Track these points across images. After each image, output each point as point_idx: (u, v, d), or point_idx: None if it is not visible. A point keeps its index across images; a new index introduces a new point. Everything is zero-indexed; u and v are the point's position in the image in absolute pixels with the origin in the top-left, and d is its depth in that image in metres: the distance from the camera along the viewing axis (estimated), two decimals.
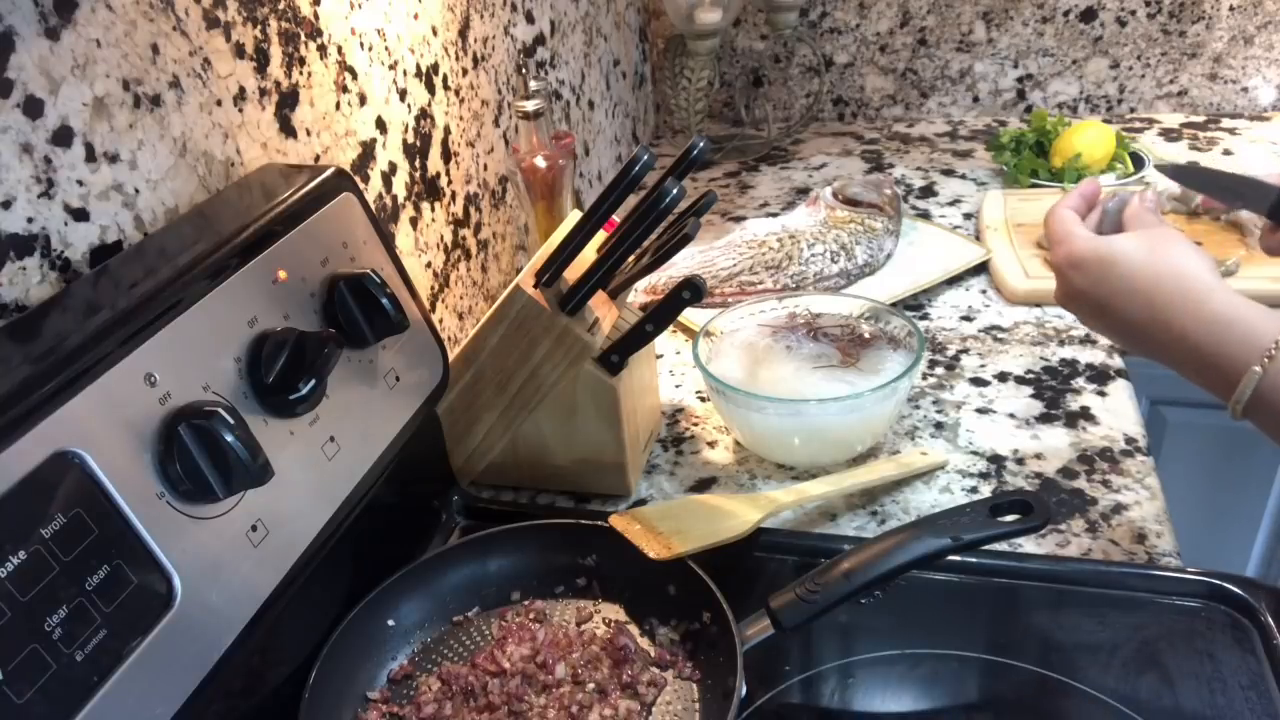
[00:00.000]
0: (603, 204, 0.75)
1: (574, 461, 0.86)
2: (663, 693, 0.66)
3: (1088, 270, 0.69)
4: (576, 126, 1.34)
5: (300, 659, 0.64)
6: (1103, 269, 0.69)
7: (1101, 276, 0.69)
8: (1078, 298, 0.72)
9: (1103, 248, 0.69)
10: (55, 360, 0.46)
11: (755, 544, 0.78)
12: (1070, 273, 0.71)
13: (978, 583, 0.75)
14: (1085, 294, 0.70)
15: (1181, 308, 0.65)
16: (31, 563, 0.43)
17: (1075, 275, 0.71)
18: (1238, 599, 0.71)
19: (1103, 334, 0.77)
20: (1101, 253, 0.69)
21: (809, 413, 0.85)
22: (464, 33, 0.99)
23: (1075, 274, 0.71)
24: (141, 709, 0.48)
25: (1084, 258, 0.70)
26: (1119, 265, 0.68)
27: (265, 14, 0.69)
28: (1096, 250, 0.69)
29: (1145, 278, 0.67)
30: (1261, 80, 1.56)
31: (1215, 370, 0.63)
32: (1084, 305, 0.72)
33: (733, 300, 1.09)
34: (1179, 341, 0.65)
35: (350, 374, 0.64)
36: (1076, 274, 0.70)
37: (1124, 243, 0.69)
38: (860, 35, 1.66)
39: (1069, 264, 0.71)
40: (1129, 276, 0.67)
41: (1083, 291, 0.71)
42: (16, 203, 0.52)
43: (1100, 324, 0.73)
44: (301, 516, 0.59)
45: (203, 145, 0.64)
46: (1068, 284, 0.72)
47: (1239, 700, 0.64)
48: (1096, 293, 0.69)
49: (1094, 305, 0.71)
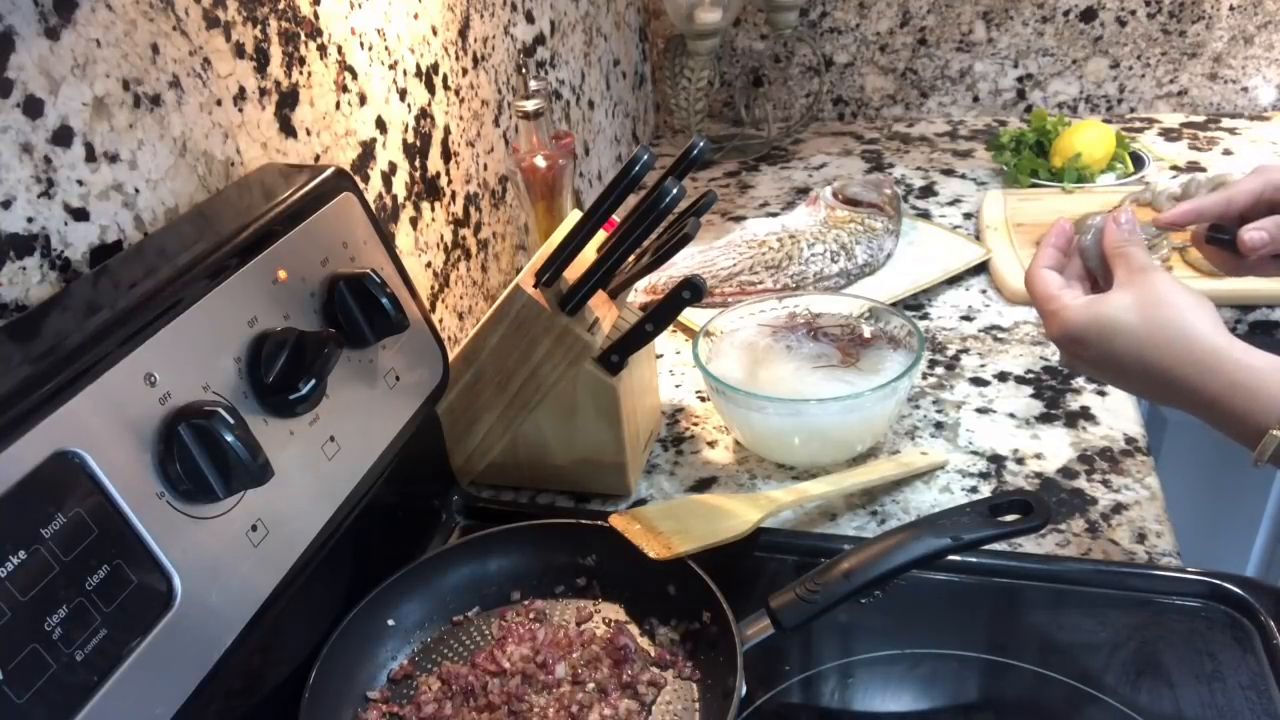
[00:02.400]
0: (603, 204, 0.75)
1: (574, 461, 0.86)
2: (663, 693, 0.66)
3: (1088, 343, 0.66)
4: (576, 126, 1.34)
5: (300, 659, 0.64)
6: (1103, 340, 0.66)
7: (1104, 348, 0.66)
8: (1085, 368, 0.71)
9: (1101, 318, 0.66)
10: (55, 360, 0.46)
11: (755, 544, 0.78)
12: (1070, 346, 0.68)
13: (978, 583, 0.75)
14: (1093, 365, 0.68)
15: (1195, 375, 0.62)
16: (31, 563, 0.43)
17: (1077, 349, 0.68)
18: (1238, 599, 0.71)
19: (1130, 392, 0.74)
20: (1101, 323, 0.66)
21: (809, 412, 0.85)
22: (464, 32, 0.99)
23: (1077, 348, 0.68)
24: (141, 709, 0.48)
25: (1080, 332, 0.67)
26: (1119, 335, 0.65)
27: (265, 14, 0.69)
28: (1094, 321, 0.66)
29: (1151, 346, 0.64)
30: (1261, 80, 1.56)
31: (1238, 427, 0.62)
32: (1094, 373, 0.71)
33: (733, 300, 1.09)
34: (1198, 404, 0.63)
35: (350, 374, 0.64)
36: (1078, 348, 0.68)
37: (1116, 307, 0.66)
38: (860, 35, 1.66)
39: (1067, 340, 0.68)
40: (1134, 347, 0.64)
41: (1089, 363, 0.68)
42: (16, 203, 0.52)
43: (1117, 385, 0.71)
44: (301, 516, 0.59)
45: (203, 145, 0.64)
46: (1071, 357, 0.70)
47: (1239, 700, 0.64)
48: (1103, 364, 0.67)
49: (1105, 374, 0.69)
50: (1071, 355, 0.69)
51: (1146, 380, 0.65)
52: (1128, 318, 0.65)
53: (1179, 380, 0.63)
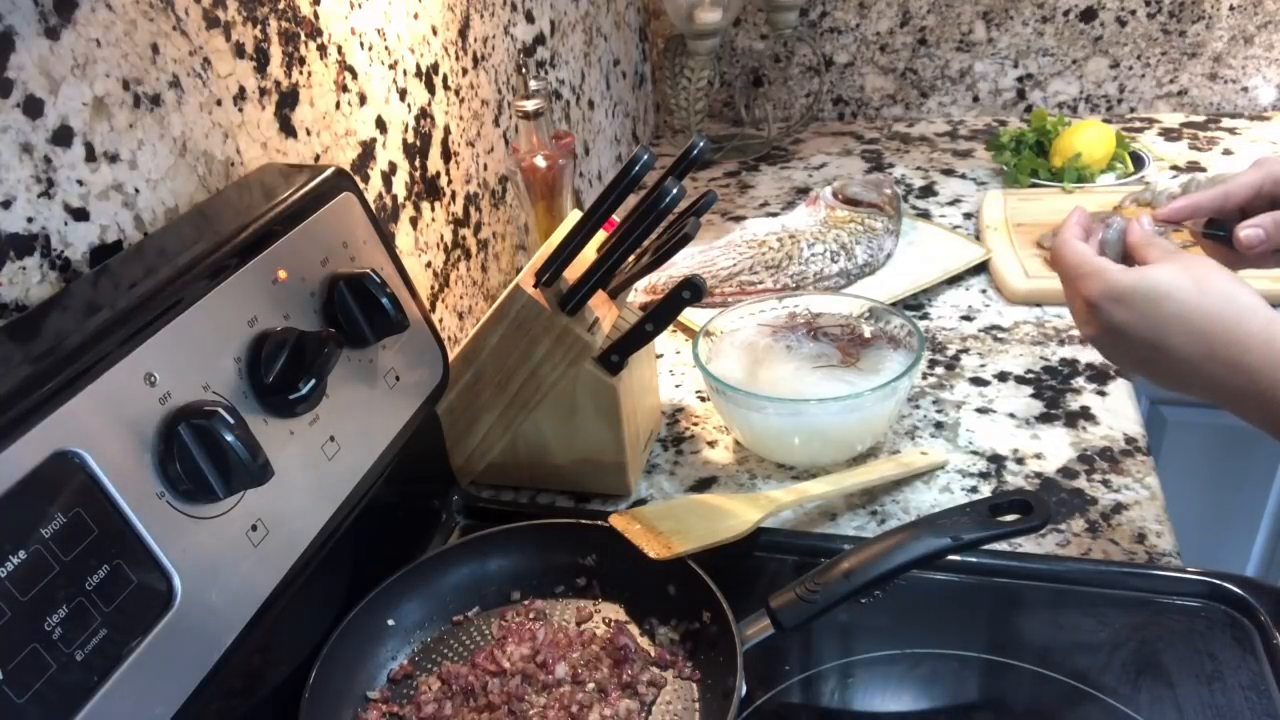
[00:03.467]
0: (603, 204, 0.75)
1: (574, 461, 0.86)
2: (663, 693, 0.66)
3: (1133, 304, 0.64)
4: (576, 126, 1.34)
5: (300, 659, 0.64)
6: (1150, 303, 0.63)
7: (1150, 311, 0.64)
8: (1119, 334, 0.66)
9: (1148, 280, 0.64)
10: (55, 360, 0.46)
11: (755, 544, 0.78)
12: (1111, 307, 0.65)
13: (978, 583, 0.75)
14: (1130, 329, 0.65)
15: (1245, 343, 0.61)
16: (31, 563, 0.43)
17: (1117, 310, 0.65)
18: (1238, 599, 0.71)
19: (1143, 372, 0.70)
20: (1148, 285, 0.64)
21: (809, 412, 0.85)
22: (464, 32, 0.99)
23: (1117, 309, 0.65)
24: (141, 709, 0.48)
25: (1128, 291, 0.64)
26: (1170, 299, 0.63)
27: (265, 14, 0.69)
28: (1141, 283, 0.64)
29: (1202, 312, 0.62)
30: (1261, 80, 1.56)
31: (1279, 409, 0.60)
32: (1127, 341, 0.66)
33: (733, 300, 1.09)
34: (1242, 376, 0.61)
35: (350, 374, 0.64)
36: (1119, 309, 0.65)
37: (1167, 274, 0.64)
38: (860, 35, 1.66)
39: (1109, 297, 0.65)
40: (1183, 311, 0.63)
41: (1127, 326, 0.65)
42: (16, 202, 0.52)
43: (1145, 361, 0.67)
44: (301, 516, 0.59)
45: (203, 145, 0.64)
46: (1107, 319, 0.66)
47: (1239, 700, 0.64)
48: (1144, 328, 0.64)
49: (1142, 341, 0.65)
50: (1106, 318, 0.66)
51: (1188, 347, 0.63)
52: (1180, 281, 0.63)
53: (1226, 348, 0.61)
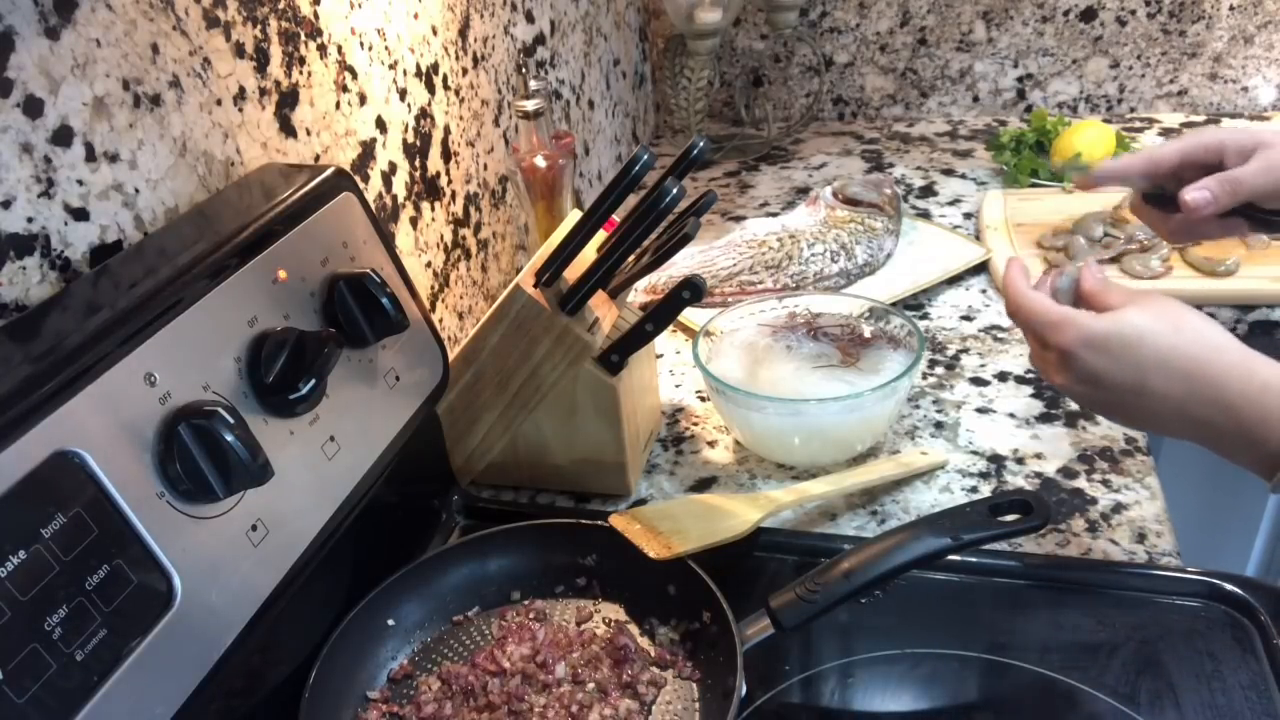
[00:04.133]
0: (603, 204, 0.75)
1: (574, 461, 0.86)
2: (663, 692, 0.66)
3: (1110, 350, 0.63)
4: (576, 126, 1.34)
5: (300, 659, 0.64)
6: (1127, 348, 0.63)
7: (1128, 356, 0.63)
8: (1097, 381, 0.65)
9: (1124, 324, 0.64)
10: (55, 360, 0.46)
11: (755, 544, 0.78)
12: (1088, 354, 0.64)
13: (978, 583, 0.75)
14: (1108, 375, 0.64)
15: (1223, 380, 0.61)
16: (31, 563, 0.43)
17: (1094, 357, 0.64)
18: (1238, 599, 0.71)
19: (1120, 416, 0.69)
20: (1125, 329, 0.63)
21: (809, 412, 0.85)
22: (464, 32, 0.99)
23: (1094, 356, 0.64)
24: (141, 709, 0.48)
25: (1103, 337, 0.64)
26: (1146, 342, 0.63)
27: (265, 13, 0.69)
28: (1117, 327, 0.64)
29: (1179, 352, 0.62)
30: (1261, 80, 1.56)
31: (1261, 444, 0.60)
32: (1105, 388, 0.65)
33: (733, 300, 1.09)
34: (1222, 413, 0.61)
35: (350, 374, 0.64)
36: (1096, 356, 0.64)
37: (1141, 317, 0.64)
38: (860, 35, 1.66)
39: (1084, 345, 0.64)
40: (1160, 353, 0.62)
41: (1105, 373, 0.64)
42: (16, 202, 0.52)
43: (1123, 406, 0.66)
44: (301, 516, 0.59)
45: (203, 145, 0.64)
46: (1084, 367, 0.65)
47: (1239, 700, 0.64)
48: (1123, 373, 0.64)
49: (1120, 386, 0.65)
50: (1082, 366, 0.65)
51: (1168, 388, 0.63)
52: (1155, 323, 0.63)
53: (1206, 386, 0.61)
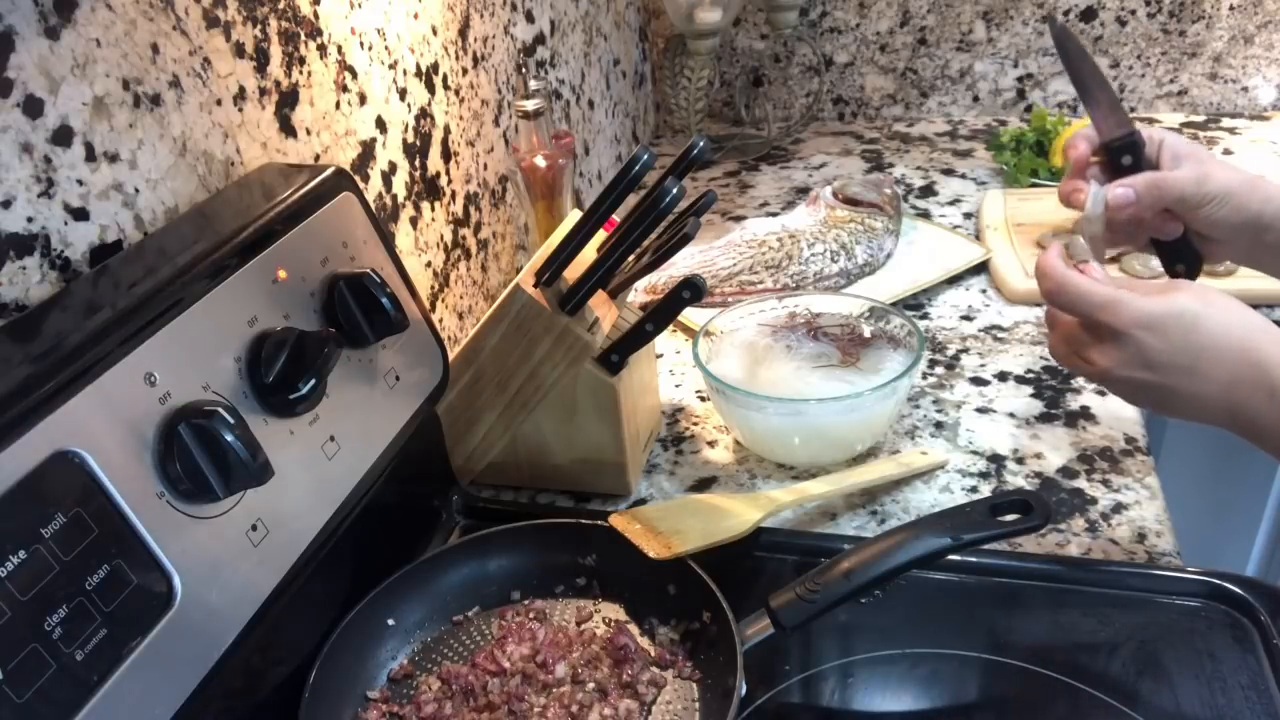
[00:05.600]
0: (603, 204, 0.75)
1: (574, 461, 0.86)
2: (663, 692, 0.66)
3: (1167, 331, 0.62)
4: (576, 126, 1.34)
5: (300, 659, 0.64)
6: (1185, 328, 0.62)
7: (1183, 337, 0.62)
8: (1150, 363, 0.63)
9: (1178, 305, 0.62)
10: (55, 360, 0.46)
11: (755, 544, 0.78)
12: (1143, 335, 0.63)
13: (978, 583, 0.75)
14: (1162, 356, 0.63)
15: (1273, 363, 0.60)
16: (31, 563, 0.43)
17: (1150, 338, 0.63)
18: (1238, 599, 0.71)
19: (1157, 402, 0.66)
20: (1180, 311, 0.62)
21: (809, 412, 0.85)
22: (464, 32, 0.99)
23: (1150, 336, 0.63)
24: (141, 709, 0.48)
25: (1161, 318, 0.62)
26: (1201, 322, 0.61)
27: (265, 13, 0.69)
28: (1173, 309, 0.62)
29: (1229, 337, 0.61)
30: (1261, 80, 1.56)
31: None
32: (1158, 369, 0.63)
33: (733, 300, 1.09)
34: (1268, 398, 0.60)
35: (350, 373, 0.64)
36: (1151, 336, 0.62)
37: (1191, 300, 0.62)
38: (860, 35, 1.66)
39: (1139, 325, 0.63)
40: (1216, 335, 0.61)
41: (1158, 354, 0.63)
42: (16, 202, 0.52)
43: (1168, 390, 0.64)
44: (301, 516, 0.59)
45: (203, 145, 0.64)
46: (1139, 347, 0.63)
47: (1239, 700, 0.64)
48: (1176, 355, 0.62)
49: (1172, 366, 0.63)
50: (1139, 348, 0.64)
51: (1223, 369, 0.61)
52: (1209, 309, 0.62)
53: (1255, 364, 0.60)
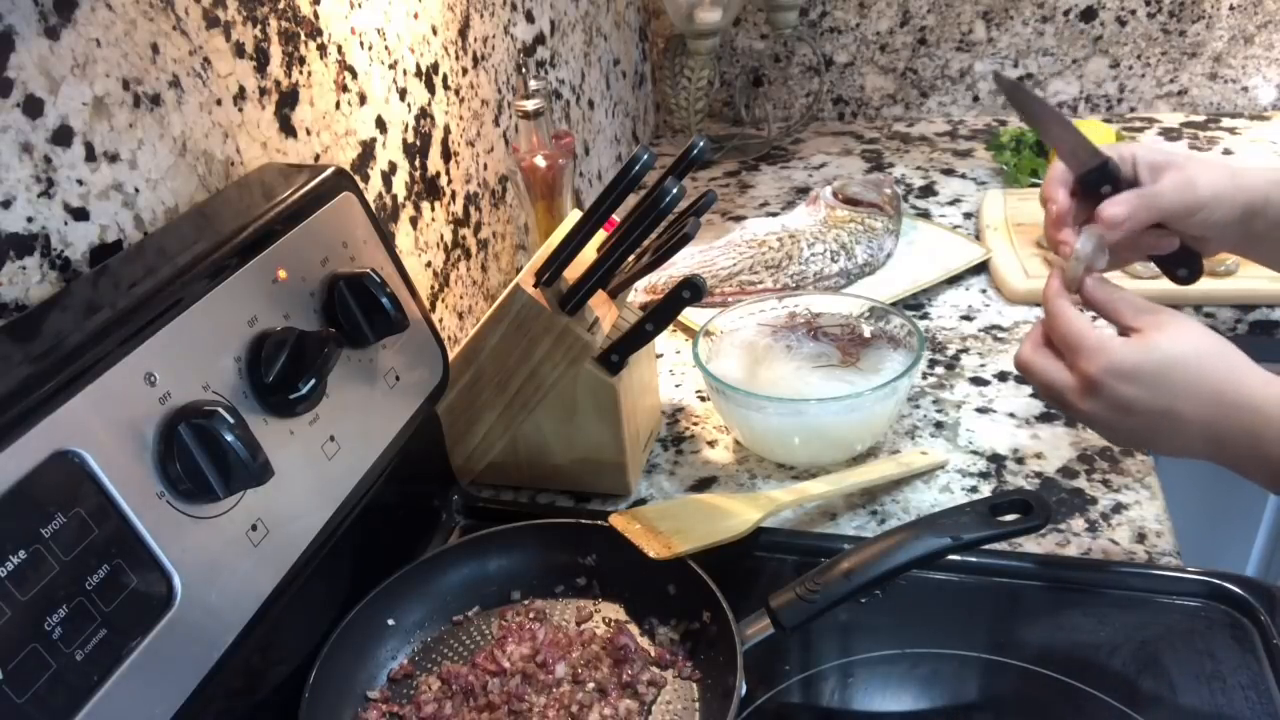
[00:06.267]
0: (603, 204, 0.75)
1: (574, 461, 0.86)
2: (663, 692, 0.66)
3: (1141, 379, 0.63)
4: (576, 126, 1.34)
5: (300, 659, 0.64)
6: (1159, 376, 0.62)
7: (1157, 384, 0.63)
8: (1127, 408, 0.64)
9: (1152, 354, 0.63)
10: (55, 360, 0.46)
11: (755, 544, 0.78)
12: (1115, 384, 0.63)
13: (978, 583, 0.75)
14: (1138, 403, 0.64)
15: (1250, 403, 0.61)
16: (31, 563, 0.43)
17: (1126, 387, 0.63)
18: (1238, 599, 0.71)
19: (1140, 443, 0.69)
20: (1154, 359, 0.63)
21: (809, 412, 0.85)
22: (464, 32, 0.99)
23: (1125, 385, 0.63)
24: (141, 709, 0.48)
25: (1133, 369, 0.63)
26: (1176, 368, 0.62)
27: (265, 13, 0.69)
28: (1146, 358, 0.63)
29: (1206, 378, 0.62)
30: (1261, 80, 1.56)
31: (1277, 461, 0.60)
32: (1135, 414, 0.64)
33: (733, 300, 1.09)
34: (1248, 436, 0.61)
35: (350, 373, 0.64)
36: (1127, 385, 0.63)
37: (1167, 344, 0.63)
38: (860, 35, 1.66)
39: (1115, 375, 0.63)
40: (1190, 379, 0.62)
41: (1134, 401, 0.64)
42: (16, 202, 0.52)
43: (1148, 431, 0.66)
44: (301, 516, 0.59)
45: (203, 145, 0.64)
46: (1111, 395, 0.64)
47: (1239, 700, 0.64)
48: (1153, 400, 0.63)
49: (1151, 412, 0.64)
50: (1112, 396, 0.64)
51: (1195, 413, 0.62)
52: (1183, 351, 0.63)
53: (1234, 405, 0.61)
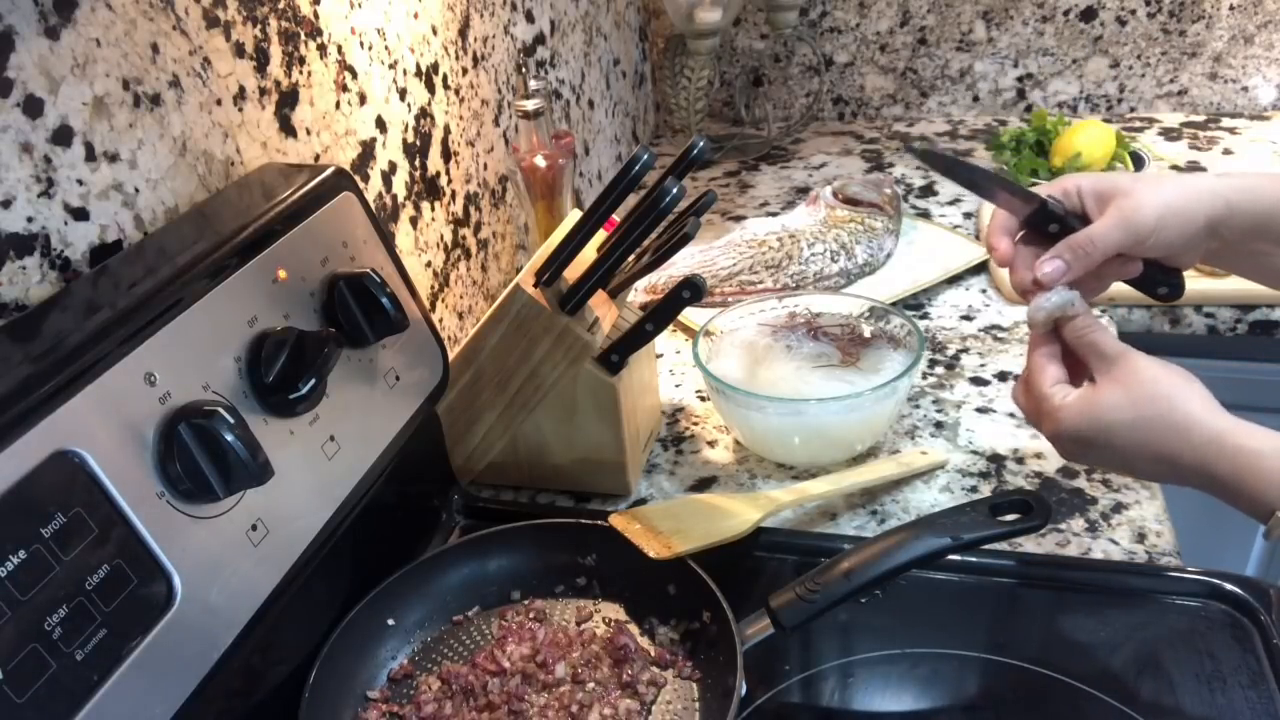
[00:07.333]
0: (603, 203, 0.75)
1: (574, 461, 0.86)
2: (663, 692, 0.66)
3: (1090, 442, 0.66)
4: (576, 126, 1.34)
5: (300, 659, 0.64)
6: (1103, 439, 0.65)
7: (1107, 446, 0.65)
8: (1089, 461, 0.72)
9: (1098, 420, 0.65)
10: (55, 360, 0.46)
11: (755, 544, 0.78)
12: (1071, 446, 0.68)
13: (978, 583, 0.75)
14: (1097, 459, 0.68)
15: (1200, 463, 0.62)
16: (31, 562, 0.43)
17: (1077, 449, 0.68)
18: (1238, 598, 0.71)
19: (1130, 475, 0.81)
20: (1100, 424, 0.65)
21: (809, 412, 0.85)
22: (464, 32, 0.99)
23: (1077, 448, 0.67)
24: (141, 709, 0.48)
25: (1077, 433, 0.66)
26: (1117, 433, 0.65)
27: (265, 13, 0.69)
28: (1092, 422, 0.65)
29: (1152, 441, 0.64)
30: (1261, 79, 1.56)
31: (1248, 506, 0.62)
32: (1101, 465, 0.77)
33: (733, 300, 1.09)
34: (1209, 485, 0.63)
35: (350, 373, 0.64)
36: (1078, 448, 0.67)
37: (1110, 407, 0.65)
38: (860, 35, 1.66)
39: (1068, 439, 0.67)
40: (1136, 442, 0.64)
41: (1093, 458, 0.68)
42: (16, 202, 0.52)
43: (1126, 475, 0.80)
44: (301, 516, 0.59)
45: (203, 144, 0.64)
46: (1072, 454, 0.69)
47: (1239, 699, 0.64)
48: (1110, 458, 0.67)
49: (1113, 466, 0.72)
50: (1071, 453, 0.69)
51: (1155, 469, 0.65)
52: (1123, 416, 0.64)
53: (1186, 468, 0.63)
